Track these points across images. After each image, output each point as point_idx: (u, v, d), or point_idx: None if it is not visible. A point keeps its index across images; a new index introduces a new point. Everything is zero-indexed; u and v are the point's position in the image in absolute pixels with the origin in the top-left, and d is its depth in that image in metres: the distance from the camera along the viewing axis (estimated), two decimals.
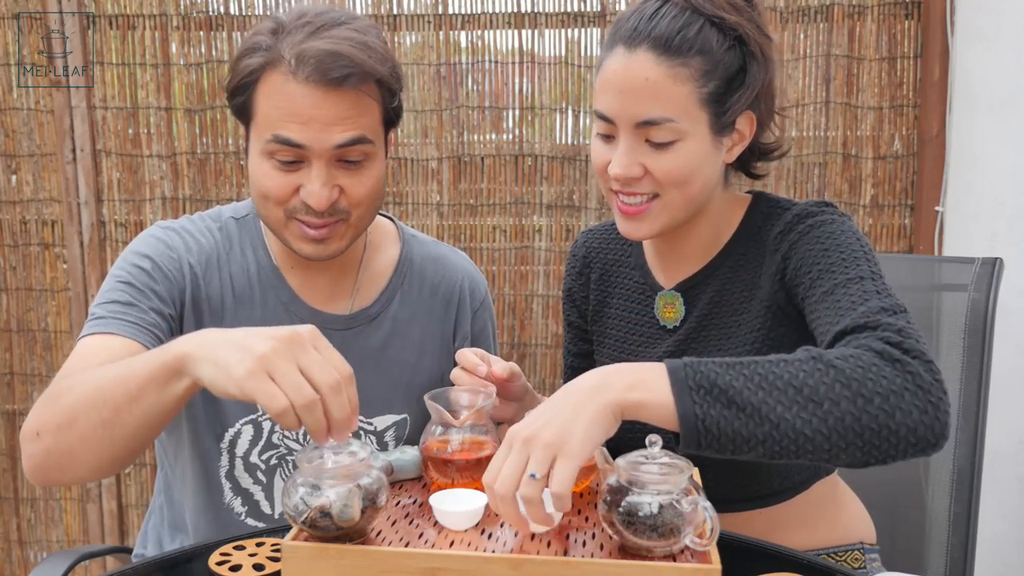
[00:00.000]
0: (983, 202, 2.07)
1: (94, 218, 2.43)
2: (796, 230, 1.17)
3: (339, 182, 1.22)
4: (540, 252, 2.38)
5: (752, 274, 1.22)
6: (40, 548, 2.60)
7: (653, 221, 1.18)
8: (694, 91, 1.13)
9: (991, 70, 2.05)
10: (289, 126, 1.18)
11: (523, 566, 0.87)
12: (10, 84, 2.41)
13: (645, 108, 1.12)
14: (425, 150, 2.37)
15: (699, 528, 0.89)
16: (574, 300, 1.43)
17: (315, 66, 1.16)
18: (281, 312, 1.34)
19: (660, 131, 1.13)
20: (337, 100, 1.18)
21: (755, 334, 1.20)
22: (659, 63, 1.12)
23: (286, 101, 1.18)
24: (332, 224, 1.24)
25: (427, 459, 1.06)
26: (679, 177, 1.14)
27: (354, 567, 0.89)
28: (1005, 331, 1.67)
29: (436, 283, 1.42)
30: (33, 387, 2.53)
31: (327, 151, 1.19)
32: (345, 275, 1.37)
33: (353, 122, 1.19)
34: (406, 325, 1.39)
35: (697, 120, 1.14)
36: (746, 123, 1.19)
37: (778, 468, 1.24)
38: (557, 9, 2.31)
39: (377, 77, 1.20)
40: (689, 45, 1.12)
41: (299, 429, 0.91)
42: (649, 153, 1.14)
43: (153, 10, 2.35)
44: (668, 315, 1.28)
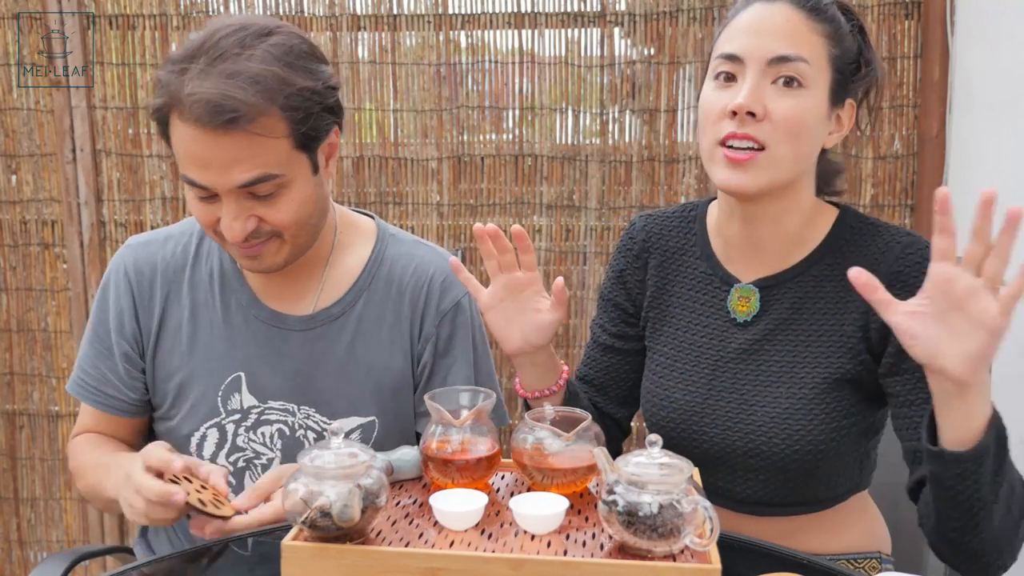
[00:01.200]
0: None
1: (94, 218, 2.43)
2: (910, 273, 1.16)
3: (255, 212, 1.21)
4: (540, 252, 2.38)
5: (837, 289, 1.22)
6: (40, 548, 2.60)
7: (758, 173, 1.17)
8: (826, 46, 1.18)
9: (991, 70, 2.05)
10: (191, 168, 1.18)
11: (523, 566, 0.87)
12: (10, 84, 2.41)
13: (782, 44, 1.16)
14: (425, 150, 2.37)
15: (699, 528, 0.89)
16: (625, 283, 1.40)
17: (202, 111, 1.13)
18: (240, 316, 1.35)
19: (791, 69, 1.16)
20: (229, 143, 1.15)
21: (831, 350, 1.21)
22: (799, 12, 1.18)
23: (185, 144, 1.17)
24: (262, 243, 1.23)
25: (427, 459, 1.06)
26: (796, 125, 1.16)
27: (354, 567, 0.89)
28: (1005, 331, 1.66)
29: (405, 283, 1.39)
30: (33, 387, 2.53)
31: (232, 190, 1.18)
32: (310, 276, 1.37)
33: (251, 162, 1.16)
34: (373, 326, 1.37)
35: (823, 72, 1.18)
36: (848, 112, 1.23)
37: (827, 479, 1.24)
38: (557, 9, 2.31)
39: (272, 109, 1.16)
40: (825, 10, 1.19)
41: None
42: (774, 94, 1.16)
43: (153, 10, 2.35)
44: (741, 309, 1.28)
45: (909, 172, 2.28)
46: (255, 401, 1.34)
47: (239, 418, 1.34)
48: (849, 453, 1.23)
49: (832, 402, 1.20)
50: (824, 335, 1.22)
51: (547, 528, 0.95)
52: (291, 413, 1.35)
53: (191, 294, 1.36)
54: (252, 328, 1.34)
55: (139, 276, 1.37)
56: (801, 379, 1.22)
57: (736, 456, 1.23)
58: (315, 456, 0.92)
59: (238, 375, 1.34)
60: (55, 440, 2.56)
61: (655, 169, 2.33)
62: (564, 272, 2.39)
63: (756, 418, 1.22)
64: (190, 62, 1.16)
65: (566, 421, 1.07)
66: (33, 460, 2.57)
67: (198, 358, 1.35)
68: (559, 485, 1.04)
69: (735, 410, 1.24)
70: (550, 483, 1.04)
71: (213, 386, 1.34)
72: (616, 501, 0.89)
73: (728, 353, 1.27)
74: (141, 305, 1.36)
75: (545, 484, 1.04)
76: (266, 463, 1.35)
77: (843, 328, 1.21)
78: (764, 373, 1.24)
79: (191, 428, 1.35)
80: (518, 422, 1.10)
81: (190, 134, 1.16)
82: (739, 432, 1.23)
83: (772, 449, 1.21)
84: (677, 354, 1.31)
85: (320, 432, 1.35)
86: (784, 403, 1.21)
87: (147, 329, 1.36)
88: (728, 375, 1.26)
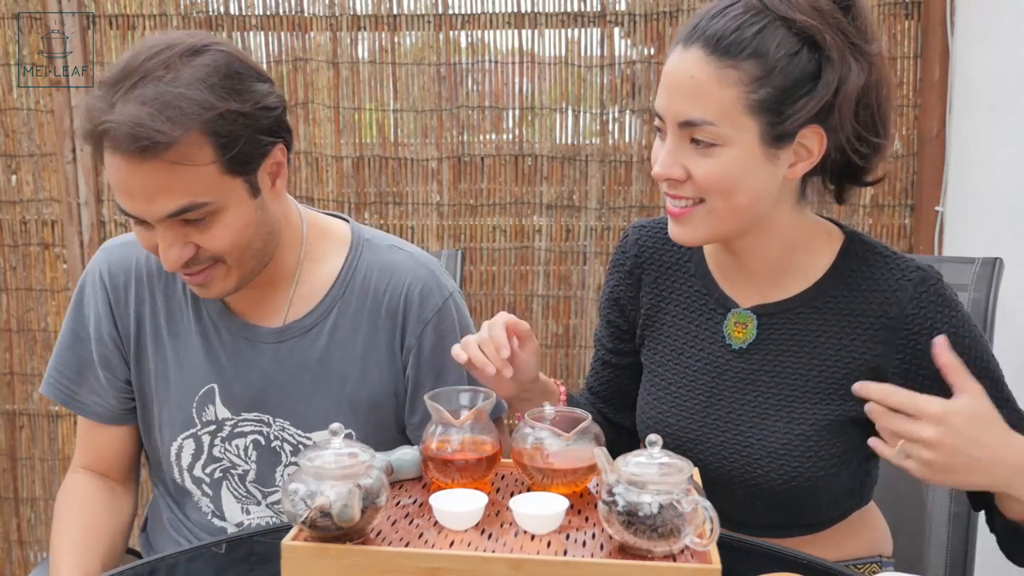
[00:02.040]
0: (983, 202, 2.07)
1: (94, 218, 2.43)
2: (927, 316, 1.12)
3: (192, 239, 1.16)
4: (540, 252, 2.38)
5: (845, 323, 1.17)
6: (40, 548, 2.60)
7: (697, 227, 1.14)
8: (741, 96, 1.06)
9: (991, 70, 2.05)
10: (119, 196, 1.15)
11: (523, 566, 0.87)
12: (10, 84, 2.41)
13: (687, 107, 1.08)
14: (425, 150, 2.37)
15: (699, 528, 0.89)
16: (619, 300, 1.36)
17: (118, 140, 1.09)
18: (212, 327, 1.33)
19: (701, 133, 1.08)
20: (149, 171, 1.10)
21: (834, 388, 1.17)
22: (707, 62, 1.07)
23: (110, 172, 1.14)
24: (205, 270, 1.20)
25: (427, 459, 1.06)
26: (719, 184, 1.09)
27: (354, 567, 0.89)
28: (1005, 331, 1.67)
29: (381, 292, 1.33)
30: (33, 387, 2.53)
31: (161, 219, 1.14)
32: (279, 288, 1.32)
33: (173, 191, 1.12)
34: (347, 337, 1.32)
35: (742, 128, 1.08)
36: (814, 138, 1.11)
37: (828, 506, 1.22)
38: (557, 9, 2.31)
39: (184, 140, 1.10)
40: (741, 47, 1.06)
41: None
42: (691, 155, 1.10)
43: (153, 10, 2.35)
44: (737, 335, 1.22)
45: (909, 172, 2.28)
46: (228, 413, 1.32)
47: (214, 429, 1.33)
48: (850, 480, 1.21)
49: (832, 439, 1.17)
50: (827, 371, 1.17)
51: (547, 528, 0.95)
52: (266, 424, 1.33)
53: (165, 303, 1.33)
54: (224, 340, 1.32)
55: (113, 280, 1.33)
56: (800, 415, 1.18)
57: (732, 484, 1.20)
58: (315, 456, 0.92)
59: (211, 387, 1.32)
60: (55, 440, 2.56)
61: None
62: (564, 272, 2.39)
63: (753, 451, 1.19)
64: (115, 86, 1.11)
65: (566, 421, 1.06)
66: (33, 460, 2.57)
67: (173, 368, 1.33)
68: (559, 485, 1.03)
69: (730, 441, 1.21)
70: (550, 483, 1.04)
71: (187, 397, 1.32)
72: (616, 501, 0.89)
73: (724, 380, 1.23)
74: (117, 310, 1.33)
75: (545, 484, 1.04)
76: (242, 473, 1.34)
77: (849, 367, 1.16)
78: (761, 405, 1.20)
79: (170, 438, 1.34)
80: (517, 423, 1.10)
81: (112, 162, 1.12)
82: (735, 463, 1.20)
83: (769, 483, 1.18)
84: (672, 376, 1.28)
85: (295, 444, 1.33)
86: (782, 439, 1.18)
87: (125, 334, 1.34)
88: (724, 404, 1.22)
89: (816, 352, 1.18)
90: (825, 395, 1.17)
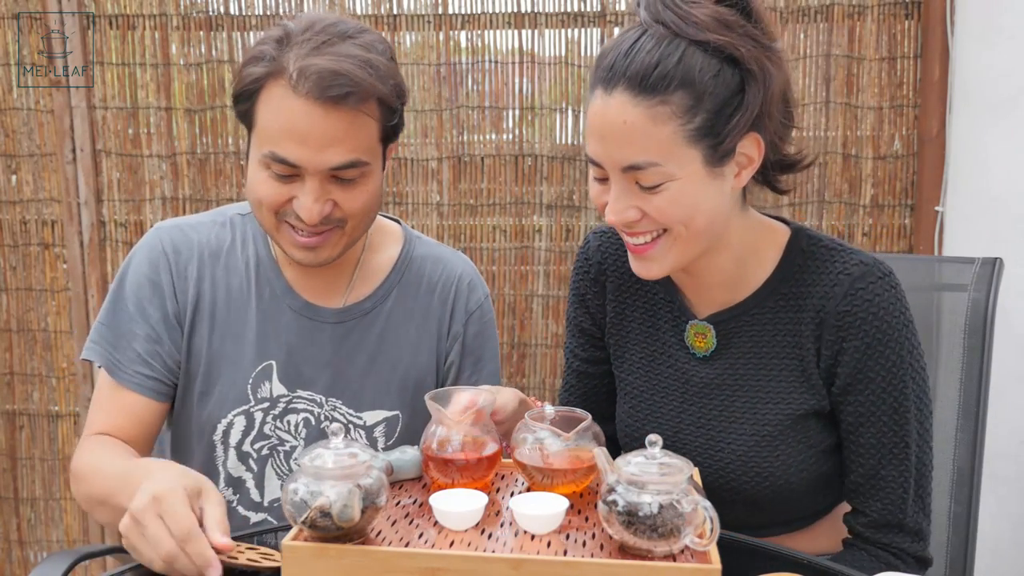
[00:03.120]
0: (983, 202, 2.07)
1: (94, 218, 2.43)
2: (856, 315, 1.13)
3: (333, 196, 1.22)
4: (540, 252, 2.38)
5: (794, 319, 1.18)
6: (40, 548, 2.60)
7: (663, 259, 1.13)
8: (678, 129, 1.05)
9: (991, 70, 2.05)
10: (285, 144, 1.18)
11: (523, 566, 0.87)
12: (10, 84, 2.41)
13: (627, 153, 1.06)
14: (425, 150, 2.37)
15: (699, 528, 0.89)
16: (587, 306, 1.35)
17: (315, 82, 1.15)
18: (275, 304, 1.36)
19: (646, 175, 1.06)
20: (335, 119, 1.17)
21: (793, 385, 1.19)
22: (637, 104, 1.04)
23: (285, 115, 1.18)
24: (326, 232, 1.25)
25: (427, 459, 1.06)
26: (677, 215, 1.09)
27: (354, 567, 0.89)
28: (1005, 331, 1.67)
29: (434, 281, 1.42)
30: (33, 387, 2.53)
31: (321, 171, 1.20)
32: (342, 272, 1.38)
33: (348, 144, 1.19)
34: (402, 322, 1.40)
35: (686, 160, 1.06)
36: (752, 145, 1.11)
37: (806, 502, 1.23)
38: (557, 9, 2.31)
39: (377, 96, 1.20)
40: (668, 80, 1.04)
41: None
42: (641, 196, 1.08)
43: (153, 10, 2.35)
44: (699, 344, 1.23)
45: (909, 172, 2.28)
46: (284, 390, 1.35)
47: (268, 406, 1.35)
48: (825, 474, 1.22)
49: (798, 435, 1.19)
50: (786, 369, 1.19)
51: (547, 528, 0.95)
52: (318, 404, 1.36)
53: (226, 278, 1.36)
54: (286, 318, 1.36)
55: (176, 255, 1.35)
56: (764, 415, 1.19)
57: (710, 488, 1.20)
58: (315, 456, 0.92)
59: (270, 363, 1.35)
60: (55, 440, 2.56)
61: None
62: (564, 272, 2.39)
63: (724, 455, 1.21)
64: (292, 41, 1.18)
65: (566, 421, 1.07)
66: (33, 460, 2.57)
67: (229, 344, 1.35)
68: (559, 485, 1.04)
69: (703, 446, 1.22)
70: (550, 483, 1.04)
71: (243, 373, 1.35)
72: (616, 501, 0.89)
73: (692, 387, 1.24)
74: (179, 283, 1.34)
75: (545, 484, 1.04)
76: (289, 450, 1.36)
77: (803, 363, 1.18)
78: (728, 409, 1.22)
79: (218, 415, 1.34)
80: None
81: (296, 106, 1.16)
82: (709, 468, 1.21)
83: (743, 485, 1.20)
84: (644, 385, 1.28)
85: (345, 424, 1.36)
86: (749, 440, 1.19)
87: (183, 308, 1.34)
88: (694, 410, 1.24)
89: (774, 351, 1.20)
90: (786, 392, 1.19)
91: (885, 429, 1.16)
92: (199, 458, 1.38)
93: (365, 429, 1.37)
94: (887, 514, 1.17)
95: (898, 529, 1.17)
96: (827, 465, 1.22)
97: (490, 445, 1.06)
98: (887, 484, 1.17)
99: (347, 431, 1.36)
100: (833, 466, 1.23)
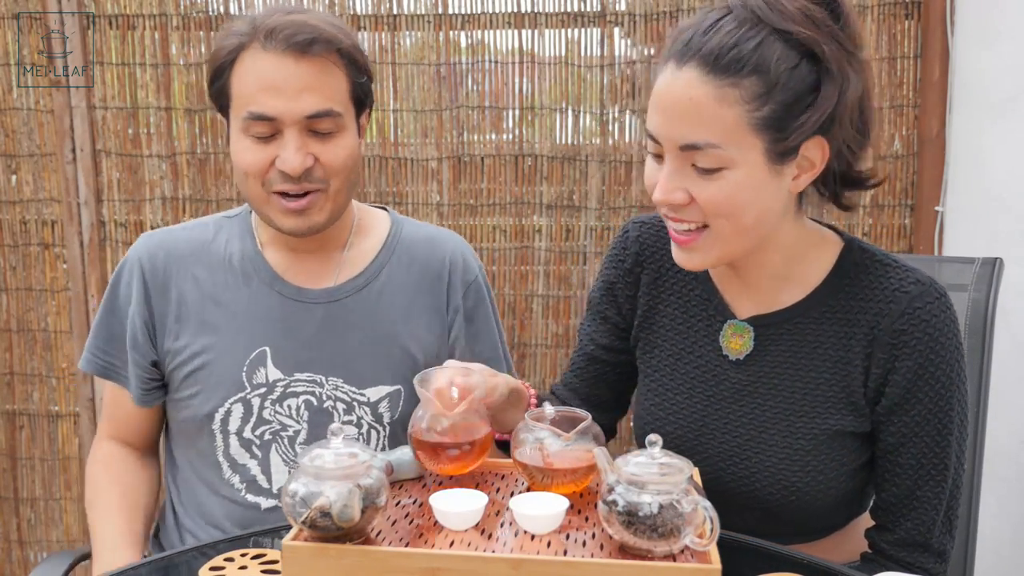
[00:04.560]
0: (983, 202, 2.07)
1: (94, 218, 2.43)
2: (912, 334, 1.11)
3: (312, 150, 1.28)
4: (540, 252, 2.38)
5: (842, 332, 1.15)
6: (40, 548, 2.60)
7: (706, 253, 1.10)
8: (744, 114, 1.02)
9: (991, 70, 2.05)
10: (261, 99, 1.25)
11: (523, 566, 0.87)
12: (10, 84, 2.40)
13: (688, 131, 1.03)
14: (425, 150, 2.37)
15: (699, 528, 0.89)
16: (615, 295, 1.32)
17: (284, 36, 1.24)
18: (266, 290, 1.39)
19: (704, 156, 1.03)
20: (305, 67, 1.26)
21: (832, 401, 1.16)
22: (705, 82, 1.02)
23: (258, 72, 1.26)
24: (312, 194, 1.29)
25: (416, 443, 1.05)
26: (727, 207, 1.05)
27: (354, 567, 0.89)
28: (1005, 331, 1.67)
29: (426, 259, 1.45)
30: (33, 387, 2.53)
31: (298, 120, 1.25)
32: (330, 255, 1.42)
33: (321, 92, 1.27)
34: (395, 298, 1.42)
35: (748, 147, 1.03)
36: (816, 149, 1.07)
37: (826, 516, 1.22)
38: (557, 9, 2.31)
39: (339, 47, 1.28)
40: (742, 63, 1.01)
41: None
42: (694, 179, 1.05)
43: (153, 10, 2.35)
44: (734, 346, 1.20)
45: (909, 172, 2.28)
46: (280, 374, 1.37)
47: (265, 392, 1.37)
48: (851, 490, 1.21)
49: (832, 452, 1.16)
50: (824, 384, 1.16)
51: (547, 528, 0.95)
52: (318, 384, 1.38)
53: (209, 274, 1.39)
54: (275, 303, 1.38)
55: (152, 261, 1.40)
56: (799, 429, 1.16)
57: (728, 493, 1.19)
58: (315, 456, 0.92)
59: (263, 350, 1.37)
60: (55, 440, 2.55)
61: None
62: (564, 272, 2.39)
63: (750, 464, 1.19)
64: (260, 18, 1.28)
65: (566, 421, 1.06)
66: (33, 460, 2.57)
67: (219, 335, 1.37)
68: (559, 485, 1.03)
69: (727, 452, 1.20)
70: (550, 483, 1.04)
71: (237, 362, 1.37)
72: (616, 501, 0.89)
73: (722, 391, 1.21)
74: (154, 289, 1.39)
75: (545, 484, 1.04)
76: (292, 435, 1.37)
77: (847, 379, 1.15)
78: (759, 419, 1.19)
79: (214, 405, 1.37)
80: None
81: (268, 60, 1.25)
82: (731, 475, 1.19)
83: (766, 496, 1.18)
84: (670, 382, 1.26)
85: (349, 402, 1.38)
86: (780, 452, 1.17)
87: (161, 314, 1.39)
88: (721, 415, 1.21)
89: (814, 364, 1.16)
90: (823, 408, 1.16)
91: (926, 450, 1.13)
92: (197, 450, 1.40)
93: (370, 406, 1.39)
94: (915, 534, 1.15)
95: (923, 549, 1.16)
96: (854, 482, 1.21)
97: (481, 428, 1.06)
98: (921, 505, 1.15)
99: (351, 409, 1.38)
100: (859, 482, 1.22)
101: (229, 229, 1.43)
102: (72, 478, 2.55)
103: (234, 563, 1.04)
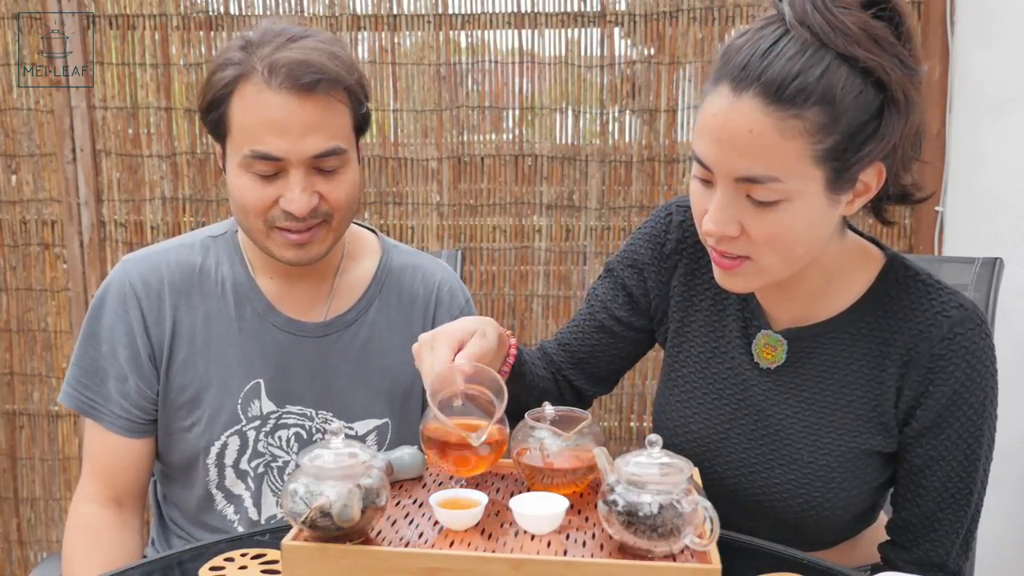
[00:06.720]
0: (983, 202, 2.07)
1: (94, 218, 2.43)
2: (951, 359, 1.08)
3: (317, 188, 1.24)
4: (540, 252, 2.38)
5: (877, 351, 1.12)
6: (40, 548, 2.60)
7: (749, 279, 1.07)
8: (807, 147, 0.96)
9: (991, 70, 2.05)
10: (266, 138, 1.20)
11: (523, 566, 0.87)
12: (10, 84, 2.40)
13: (747, 163, 0.97)
14: (425, 150, 2.37)
15: (699, 528, 0.89)
16: (644, 275, 1.26)
17: (287, 74, 1.19)
18: (257, 322, 1.35)
19: (763, 190, 0.98)
20: (311, 107, 1.21)
21: (862, 419, 1.13)
22: (768, 113, 0.95)
23: (262, 111, 1.20)
24: (315, 227, 1.26)
25: (426, 439, 1.04)
26: (780, 241, 1.01)
27: (354, 567, 0.89)
28: (1005, 331, 1.67)
29: (415, 290, 1.43)
30: (33, 387, 2.53)
31: (304, 161, 1.22)
32: (322, 283, 1.39)
33: (326, 131, 1.22)
34: (385, 332, 1.40)
35: (809, 179, 0.98)
36: (873, 175, 1.03)
37: (842, 526, 1.20)
38: (557, 9, 2.31)
39: (346, 84, 1.24)
40: (807, 94, 0.94)
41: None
42: (749, 211, 1.00)
43: (153, 10, 2.35)
44: (766, 356, 1.17)
45: None
46: (274, 406, 1.35)
47: (259, 424, 1.35)
48: (869, 507, 1.21)
49: (857, 470, 1.15)
50: (856, 401, 1.13)
51: (547, 528, 0.95)
52: (308, 418, 1.37)
53: (203, 303, 1.35)
54: (270, 335, 1.35)
55: (147, 288, 1.33)
56: (826, 445, 1.14)
57: (746, 500, 1.19)
58: (315, 456, 0.92)
59: (257, 382, 1.35)
60: (55, 440, 2.55)
61: (655, 169, 2.33)
62: (564, 272, 2.39)
63: (773, 476, 1.17)
64: (255, 45, 1.22)
65: (566, 421, 1.06)
66: (33, 460, 2.57)
67: (214, 367, 1.34)
68: (559, 485, 1.03)
69: (751, 461, 1.18)
70: (550, 483, 1.04)
71: (232, 394, 1.34)
72: (616, 501, 0.89)
73: (751, 398, 1.19)
74: (150, 318, 1.33)
75: (545, 484, 1.04)
76: (282, 465, 1.36)
77: (878, 398, 1.12)
78: (786, 430, 1.17)
79: (211, 438, 1.34)
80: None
81: (272, 99, 1.20)
82: (753, 482, 1.18)
83: (784, 508, 1.17)
84: (699, 382, 1.23)
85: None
86: (804, 467, 1.15)
87: (159, 342, 1.33)
88: (748, 423, 1.19)
89: (847, 380, 1.14)
90: (853, 425, 1.14)
91: (952, 475, 1.12)
92: (190, 485, 1.37)
93: (358, 439, 1.37)
94: (933, 556, 1.14)
95: (938, 569, 1.15)
96: (873, 499, 1.20)
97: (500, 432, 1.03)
98: (942, 527, 1.13)
99: None
100: (878, 499, 1.21)
101: (216, 252, 1.37)
102: (72, 478, 2.55)
103: (234, 563, 1.04)
